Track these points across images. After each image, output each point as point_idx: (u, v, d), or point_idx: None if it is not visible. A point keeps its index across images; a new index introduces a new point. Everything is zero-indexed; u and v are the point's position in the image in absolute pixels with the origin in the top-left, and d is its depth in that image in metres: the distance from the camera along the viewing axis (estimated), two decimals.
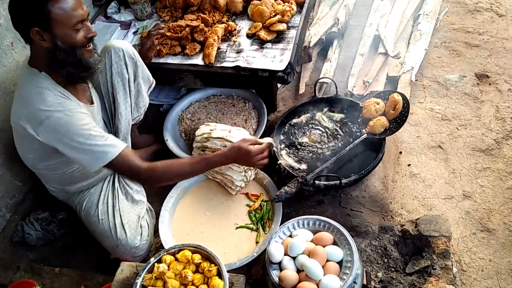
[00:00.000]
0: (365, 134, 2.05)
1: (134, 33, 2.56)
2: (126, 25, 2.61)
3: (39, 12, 1.43)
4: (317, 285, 1.45)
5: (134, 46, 2.20)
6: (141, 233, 1.87)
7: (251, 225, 1.93)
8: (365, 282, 1.58)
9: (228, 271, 1.52)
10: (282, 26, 2.35)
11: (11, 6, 1.47)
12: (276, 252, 1.56)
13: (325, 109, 2.27)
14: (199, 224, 1.96)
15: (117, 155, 1.57)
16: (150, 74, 2.05)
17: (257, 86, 2.41)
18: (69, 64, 1.55)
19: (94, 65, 1.63)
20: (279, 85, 2.55)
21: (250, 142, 1.76)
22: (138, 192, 1.98)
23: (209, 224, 1.95)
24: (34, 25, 1.45)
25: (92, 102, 1.79)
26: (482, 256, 1.80)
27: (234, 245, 1.88)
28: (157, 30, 2.17)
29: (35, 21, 1.45)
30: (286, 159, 2.08)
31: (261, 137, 2.21)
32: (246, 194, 2.05)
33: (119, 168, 1.62)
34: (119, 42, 1.91)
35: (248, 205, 2.01)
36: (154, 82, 2.10)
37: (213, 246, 1.79)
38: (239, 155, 1.74)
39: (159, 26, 2.20)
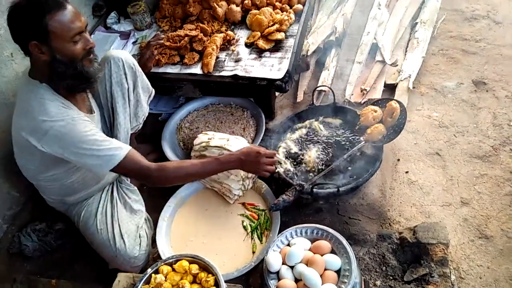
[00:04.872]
0: (363, 142, 2.06)
1: (134, 43, 2.58)
2: (125, 35, 2.63)
3: (37, 26, 1.44)
4: None
5: (133, 56, 2.21)
6: (140, 243, 1.87)
7: (247, 232, 1.94)
8: None
9: (226, 281, 1.52)
10: (280, 35, 2.37)
11: (9, 19, 1.48)
12: (274, 261, 1.56)
13: (323, 117, 2.28)
14: (197, 234, 1.96)
15: (124, 156, 1.58)
16: (149, 84, 2.06)
17: (255, 94, 2.42)
18: (69, 76, 1.56)
19: (94, 75, 1.63)
20: (277, 93, 2.56)
21: (262, 151, 1.84)
22: (137, 201, 1.98)
23: (207, 234, 1.95)
24: (32, 39, 1.46)
25: (92, 112, 1.81)
26: (480, 263, 1.80)
27: (233, 254, 1.88)
28: (157, 40, 2.20)
29: (33, 34, 1.46)
30: (283, 167, 2.09)
31: (259, 145, 2.22)
32: (243, 204, 2.05)
33: (128, 169, 1.62)
34: (118, 52, 1.93)
35: (243, 215, 2.01)
36: (154, 91, 2.11)
37: (211, 256, 1.80)
38: (248, 156, 1.80)
39: (159, 36, 2.23)
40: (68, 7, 1.49)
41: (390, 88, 2.57)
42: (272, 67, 2.25)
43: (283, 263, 1.58)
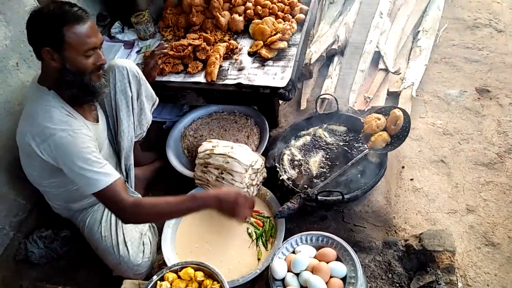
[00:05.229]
0: (367, 149, 2.06)
1: (138, 52, 2.60)
2: (129, 45, 2.65)
3: (54, 34, 1.48)
4: None
5: (137, 65, 2.23)
6: (143, 251, 1.86)
7: (252, 239, 1.93)
8: None
9: None
10: (283, 44, 2.38)
11: (29, 22, 1.52)
12: (279, 268, 1.56)
13: (326, 125, 2.28)
14: (202, 241, 1.96)
15: (108, 185, 1.55)
16: (153, 92, 2.08)
17: (259, 102, 2.43)
18: (76, 87, 1.59)
19: (100, 89, 1.66)
20: (280, 101, 2.57)
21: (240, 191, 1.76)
22: None
23: (212, 241, 1.95)
24: (47, 45, 1.49)
25: (97, 121, 1.82)
26: (487, 271, 1.79)
27: (238, 261, 1.87)
28: (161, 50, 2.23)
29: (48, 41, 1.49)
30: (288, 175, 2.09)
31: (263, 153, 2.22)
32: None
33: (107, 198, 1.57)
34: (122, 61, 1.95)
35: (248, 222, 1.99)
36: (157, 100, 2.13)
37: (216, 263, 1.79)
38: (227, 195, 1.64)
39: (163, 46, 2.26)
40: (88, 22, 1.53)
41: (393, 96, 2.58)
42: (275, 76, 2.26)
43: (288, 271, 1.58)
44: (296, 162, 2.15)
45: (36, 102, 1.60)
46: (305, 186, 2.02)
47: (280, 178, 2.04)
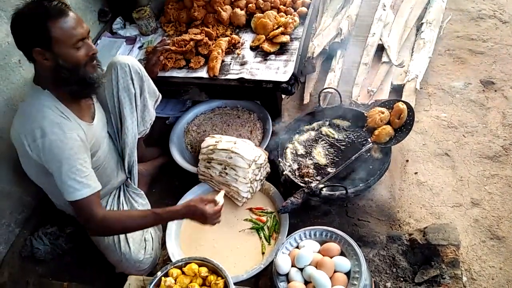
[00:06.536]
0: (371, 143, 2.05)
1: (140, 48, 2.59)
2: (131, 40, 2.65)
3: (40, 33, 1.45)
4: None
5: (139, 60, 2.23)
6: (145, 247, 1.87)
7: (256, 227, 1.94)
8: None
9: (235, 283, 1.52)
10: (285, 38, 2.37)
11: (13, 27, 1.49)
12: (283, 263, 1.56)
13: (330, 119, 2.27)
14: (207, 236, 1.96)
15: (84, 197, 1.54)
16: (156, 89, 2.07)
17: (262, 97, 2.42)
18: (73, 82, 1.57)
19: (98, 80, 1.64)
20: (283, 96, 2.56)
21: (206, 202, 1.70)
22: (144, 205, 1.99)
23: (217, 236, 1.95)
24: (36, 45, 1.47)
25: (93, 119, 1.78)
26: (492, 264, 1.78)
27: (243, 256, 1.88)
28: (163, 46, 2.21)
29: (36, 41, 1.47)
30: (291, 170, 2.08)
31: (267, 148, 2.22)
32: (250, 209, 2.05)
33: (79, 209, 1.58)
34: (125, 57, 1.93)
35: (249, 220, 2.01)
36: (160, 96, 2.12)
37: (222, 258, 1.80)
38: (194, 215, 1.69)
39: (165, 42, 2.24)
40: (70, 14, 1.51)
41: (397, 89, 2.56)
42: (278, 70, 2.25)
43: (292, 266, 1.58)
44: (299, 157, 2.14)
45: (30, 101, 1.59)
46: (309, 180, 2.01)
47: (283, 173, 2.03)
